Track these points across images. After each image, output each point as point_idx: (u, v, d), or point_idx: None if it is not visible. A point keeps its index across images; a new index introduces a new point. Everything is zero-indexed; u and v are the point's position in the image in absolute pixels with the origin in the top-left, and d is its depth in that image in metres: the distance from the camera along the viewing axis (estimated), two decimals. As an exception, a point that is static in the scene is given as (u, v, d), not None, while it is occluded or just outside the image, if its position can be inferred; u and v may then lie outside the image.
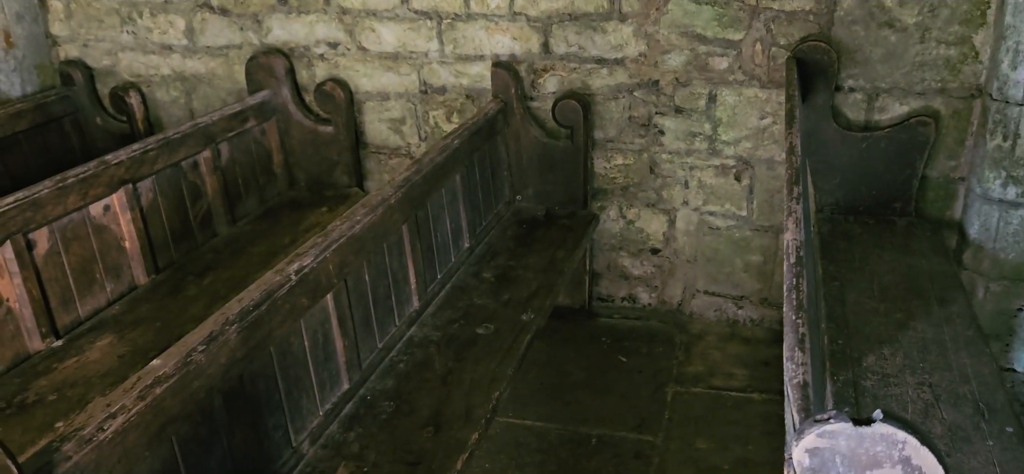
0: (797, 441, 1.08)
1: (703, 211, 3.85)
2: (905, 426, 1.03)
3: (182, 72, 4.28)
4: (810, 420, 1.06)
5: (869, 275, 3.06)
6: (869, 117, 3.46)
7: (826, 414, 1.06)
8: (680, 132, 3.75)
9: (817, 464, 1.09)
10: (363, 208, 2.66)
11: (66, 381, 2.78)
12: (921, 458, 1.04)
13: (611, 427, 3.34)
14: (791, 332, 1.36)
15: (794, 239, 1.65)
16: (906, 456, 1.04)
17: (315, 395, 2.43)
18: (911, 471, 1.04)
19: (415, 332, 2.95)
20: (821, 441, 1.06)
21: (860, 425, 1.04)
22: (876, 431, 1.04)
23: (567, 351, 3.86)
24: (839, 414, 1.05)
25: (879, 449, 1.05)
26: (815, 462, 1.08)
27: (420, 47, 3.93)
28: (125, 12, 4.22)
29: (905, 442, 1.03)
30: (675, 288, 4.06)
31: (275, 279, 2.23)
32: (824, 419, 1.06)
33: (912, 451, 1.04)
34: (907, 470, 1.05)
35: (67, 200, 3.04)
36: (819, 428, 1.06)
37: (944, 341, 2.65)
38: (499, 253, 3.53)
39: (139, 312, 3.18)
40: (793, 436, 1.12)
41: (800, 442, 1.07)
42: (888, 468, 1.06)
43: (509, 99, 3.81)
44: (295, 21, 4.02)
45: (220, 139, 3.79)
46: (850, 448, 1.06)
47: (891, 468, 1.05)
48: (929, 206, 3.51)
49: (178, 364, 1.89)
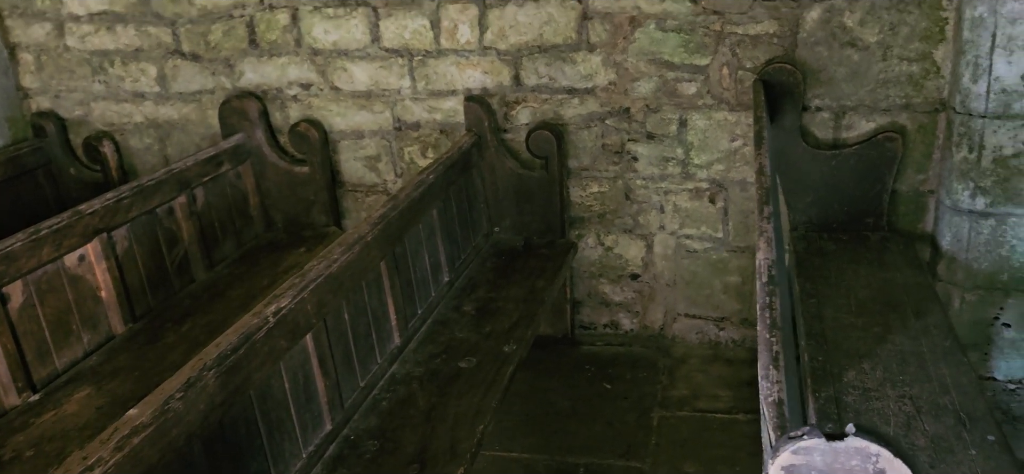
0: (773, 459, 1.08)
1: (680, 235, 3.88)
2: (878, 439, 1.04)
3: (155, 119, 4.28)
4: (784, 438, 1.07)
5: (845, 291, 3.08)
6: (837, 135, 3.52)
7: (800, 431, 1.07)
8: (653, 158, 3.78)
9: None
10: (340, 247, 2.65)
11: (44, 436, 2.74)
12: (895, 469, 1.05)
13: (598, 455, 3.33)
14: (765, 351, 1.37)
15: (766, 258, 1.66)
16: (880, 469, 1.05)
17: (298, 438, 2.40)
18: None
19: (397, 369, 2.93)
20: (796, 458, 1.07)
21: (834, 440, 1.05)
22: (850, 445, 1.05)
23: (551, 381, 3.85)
24: (813, 430, 1.06)
25: (854, 463, 1.06)
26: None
27: (392, 85, 3.95)
28: (96, 62, 4.22)
29: (879, 455, 1.04)
30: (656, 313, 4.07)
31: (253, 322, 2.22)
32: (798, 436, 1.07)
33: (886, 463, 1.05)
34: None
35: (41, 252, 3.01)
36: (793, 445, 1.07)
37: (922, 353, 2.67)
38: (479, 285, 3.53)
39: (117, 362, 3.14)
40: (770, 454, 1.12)
41: (776, 460, 1.08)
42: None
43: (483, 132, 3.84)
44: (267, 64, 4.04)
45: (195, 184, 3.78)
46: (826, 463, 1.07)
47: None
48: (901, 220, 3.56)
49: (156, 412, 1.87)
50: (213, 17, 4.02)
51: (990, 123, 3.09)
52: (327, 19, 3.91)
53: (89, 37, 4.17)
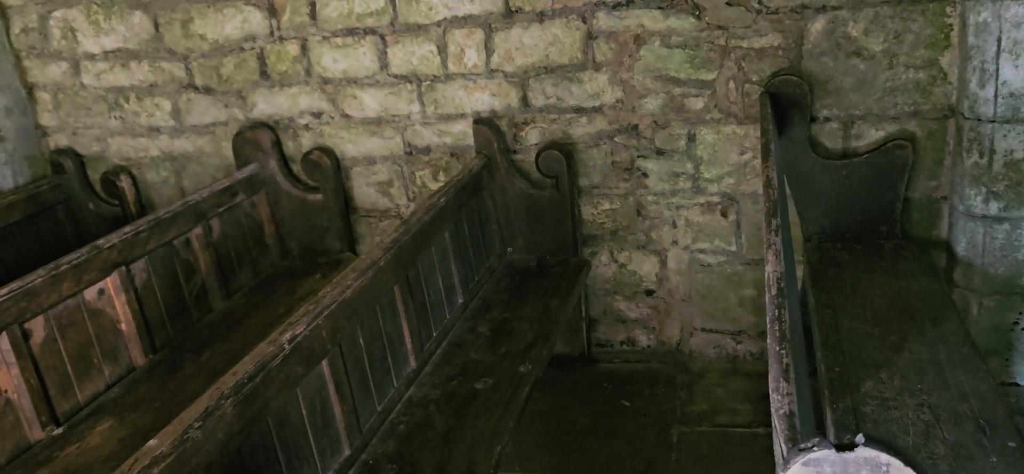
0: (784, 472, 1.09)
1: (693, 249, 3.88)
2: (888, 448, 1.04)
3: (171, 152, 4.34)
4: (794, 450, 1.08)
5: (861, 300, 3.07)
6: (847, 144, 3.51)
7: (810, 442, 1.07)
8: (663, 173, 3.79)
9: (805, 493, 1.10)
10: (353, 272, 2.68)
11: (68, 468, 2.77)
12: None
13: (618, 473, 3.32)
14: (775, 363, 1.38)
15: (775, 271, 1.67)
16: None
17: (316, 463, 2.42)
18: (897, 492, 1.06)
19: (414, 392, 2.94)
20: (807, 470, 1.08)
21: (843, 450, 1.06)
22: (859, 455, 1.05)
23: (569, 399, 3.84)
24: (822, 441, 1.07)
25: (864, 473, 1.06)
26: (803, 491, 1.10)
27: (402, 110, 3.99)
28: (112, 98, 4.29)
29: (889, 465, 1.04)
30: (672, 328, 4.07)
31: (268, 350, 2.24)
32: (808, 447, 1.07)
33: (897, 472, 1.05)
34: (893, 492, 1.06)
35: (61, 287, 3.06)
36: (804, 457, 1.07)
37: (940, 360, 2.65)
38: (493, 306, 3.54)
39: (138, 393, 3.17)
40: (781, 467, 1.13)
41: (787, 473, 1.08)
42: (874, 491, 1.07)
43: (492, 154, 3.87)
44: (278, 94, 4.10)
45: (211, 215, 3.82)
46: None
47: (877, 491, 1.07)
48: (915, 227, 3.54)
49: (175, 442, 1.89)
50: (225, 50, 4.08)
51: (999, 127, 3.08)
52: (336, 49, 3.97)
53: (104, 74, 4.25)
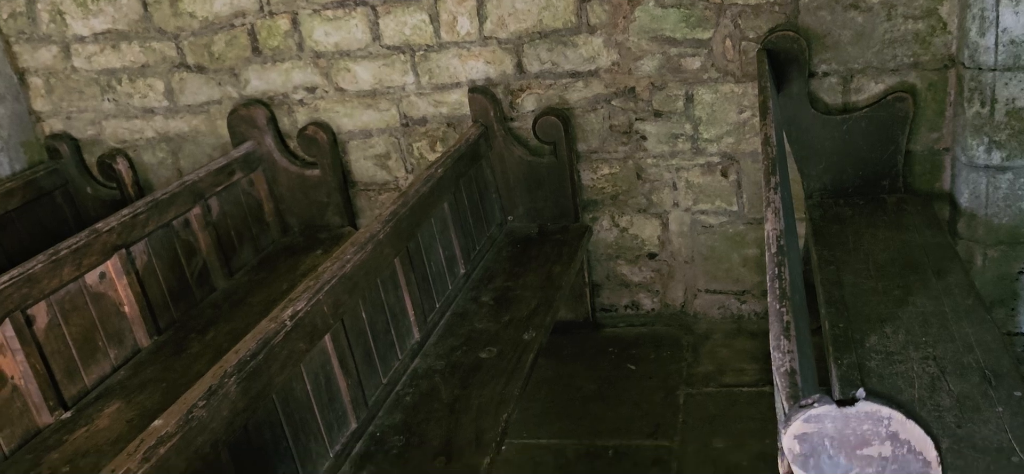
0: (785, 429, 1.08)
1: (694, 211, 3.86)
2: (889, 402, 1.03)
3: (166, 133, 4.32)
4: (795, 407, 1.07)
5: (864, 256, 3.06)
6: (846, 99, 3.48)
7: (810, 399, 1.07)
8: (662, 135, 3.77)
9: (808, 450, 1.09)
10: (352, 247, 2.67)
11: (78, 452, 2.79)
12: (908, 432, 1.04)
13: (627, 437, 3.34)
14: (776, 321, 1.37)
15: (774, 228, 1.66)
16: (893, 432, 1.05)
17: (323, 438, 2.43)
18: (900, 446, 1.05)
19: (419, 364, 2.95)
20: (808, 426, 1.07)
21: (844, 405, 1.05)
22: (860, 410, 1.05)
23: (575, 365, 3.85)
24: (823, 397, 1.06)
25: (866, 428, 1.06)
26: (805, 448, 1.09)
27: (396, 81, 3.96)
28: (104, 81, 4.26)
29: (891, 418, 1.04)
30: (676, 290, 4.06)
31: (270, 327, 2.24)
32: (809, 404, 1.06)
33: (899, 426, 1.04)
34: (896, 446, 1.05)
35: (62, 272, 3.06)
36: (805, 413, 1.07)
37: (944, 313, 2.64)
38: (495, 275, 3.54)
39: (144, 375, 3.18)
40: (783, 424, 1.12)
41: (788, 430, 1.08)
42: (877, 445, 1.06)
43: (489, 122, 3.84)
44: (271, 70, 4.06)
45: (209, 194, 3.81)
46: (837, 430, 1.07)
47: (880, 445, 1.06)
48: (917, 180, 3.52)
49: (180, 422, 1.90)
50: (215, 28, 4.04)
51: (1001, 76, 3.05)
52: (327, 21, 3.93)
53: (95, 57, 4.22)
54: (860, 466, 1.08)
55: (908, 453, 1.05)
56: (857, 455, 1.08)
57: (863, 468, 1.08)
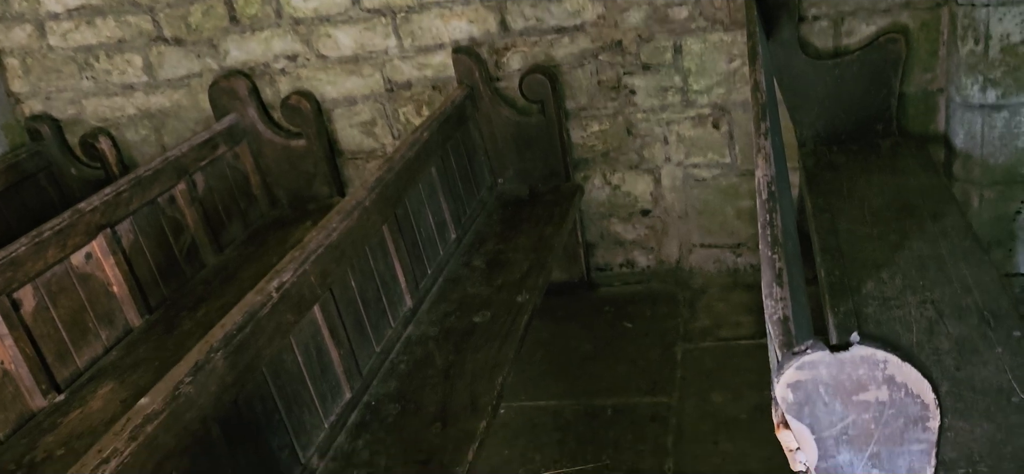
0: (778, 378, 1.05)
1: (687, 165, 3.82)
2: (884, 345, 1.00)
3: (148, 109, 4.24)
4: (788, 355, 1.03)
5: (859, 201, 3.02)
6: (837, 43, 3.42)
7: (803, 346, 1.03)
8: (651, 89, 3.70)
9: (802, 397, 1.06)
10: (338, 215, 2.63)
11: (72, 434, 2.77)
12: (905, 374, 1.01)
13: (625, 395, 3.33)
14: (768, 269, 1.33)
15: (765, 175, 1.61)
16: (890, 375, 1.01)
17: (317, 409, 2.41)
18: (896, 389, 1.02)
19: (412, 331, 2.93)
20: (802, 374, 1.04)
21: (838, 351, 1.01)
22: (855, 354, 1.01)
23: (571, 326, 3.83)
24: (816, 343, 1.02)
25: (861, 372, 1.02)
26: (799, 396, 1.06)
27: (378, 46, 3.88)
28: (82, 58, 4.18)
29: (887, 361, 1.00)
30: (671, 246, 4.03)
31: (256, 299, 2.20)
32: (801, 351, 1.03)
33: (895, 369, 1.01)
34: (892, 389, 1.02)
35: (46, 254, 3.01)
36: (798, 360, 1.03)
37: (941, 256, 2.61)
38: (487, 239, 3.50)
39: (137, 355, 3.16)
40: (776, 373, 1.09)
41: (781, 378, 1.04)
42: (874, 390, 1.03)
43: (474, 83, 3.77)
44: (250, 40, 3.98)
45: (193, 170, 3.76)
46: (832, 376, 1.03)
47: (876, 389, 1.02)
48: (911, 123, 3.47)
49: (166, 399, 1.87)
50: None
51: (994, 11, 2.99)
52: (305, -14, 3.85)
53: (71, 34, 4.13)
54: (857, 412, 1.05)
55: (906, 396, 1.02)
56: (853, 401, 1.05)
57: (860, 414, 1.05)
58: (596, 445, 3.10)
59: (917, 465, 1.08)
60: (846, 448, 1.08)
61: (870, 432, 1.06)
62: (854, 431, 1.06)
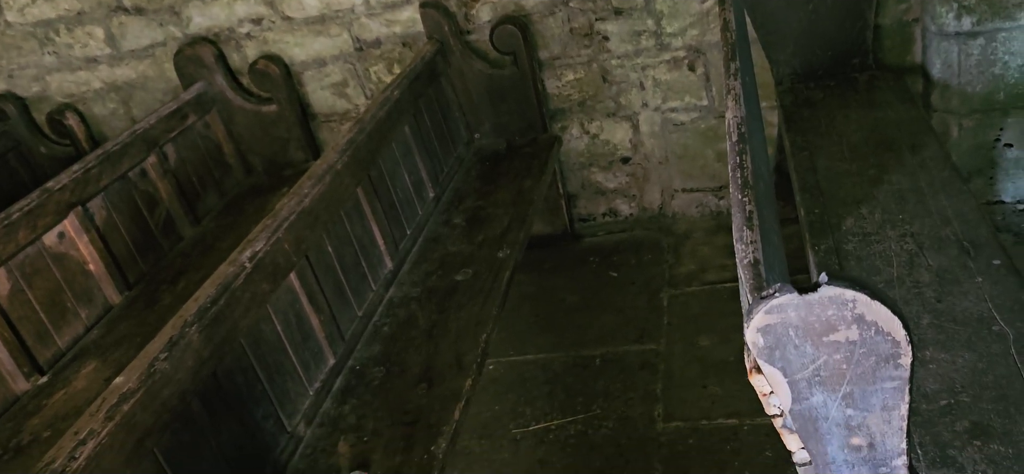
0: (748, 323, 1.03)
1: (664, 109, 3.78)
2: (851, 284, 0.98)
3: (114, 82, 4.16)
4: (756, 299, 1.01)
5: (837, 138, 3.00)
6: (811, -24, 3.37)
7: (771, 289, 1.01)
8: (624, 34, 3.64)
9: (772, 341, 1.04)
10: (310, 180, 2.59)
11: (57, 415, 2.75)
12: (875, 312, 0.99)
13: (613, 344, 3.33)
14: (738, 211, 1.31)
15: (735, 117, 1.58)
16: (859, 314, 1.00)
17: (301, 376, 2.39)
18: (867, 328, 1.00)
19: (394, 292, 2.90)
20: (771, 317, 1.02)
21: (806, 292, 1.00)
22: (824, 295, 0.99)
23: (557, 278, 3.82)
24: (784, 287, 1.00)
25: (830, 313, 1.00)
26: (769, 340, 1.04)
27: (345, 4, 3.80)
28: (41, 33, 4.08)
29: (855, 300, 0.98)
30: (653, 193, 4.01)
31: (229, 270, 2.18)
32: (770, 294, 1.01)
33: (864, 308, 0.99)
34: (863, 328, 1.00)
35: (17, 236, 2.96)
36: (766, 304, 1.01)
37: (921, 188, 2.60)
38: (466, 196, 3.47)
39: (119, 332, 3.13)
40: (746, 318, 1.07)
41: (751, 322, 1.02)
42: (844, 330, 1.01)
43: (444, 37, 3.70)
44: (213, 5, 3.89)
45: (163, 141, 3.69)
46: (801, 318, 1.01)
47: (846, 329, 1.01)
48: (888, 55, 3.44)
49: (142, 377, 1.85)
50: (148, -37, 3.87)
51: (967, -64, 2.94)
52: (264, -55, 3.76)
53: (28, 9, 4.02)
54: (828, 353, 1.04)
55: (876, 335, 1.01)
56: (823, 342, 1.03)
57: (831, 354, 1.03)
58: (586, 395, 3.11)
59: (891, 402, 1.06)
60: (819, 389, 1.07)
61: (842, 372, 1.05)
62: (826, 372, 1.05)
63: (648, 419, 2.94)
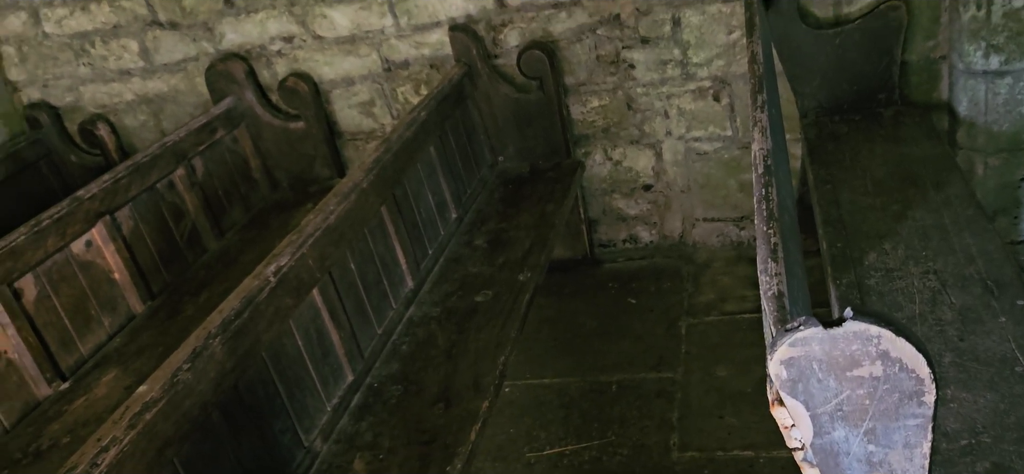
0: (772, 355, 1.03)
1: (688, 138, 3.78)
2: (878, 320, 0.98)
3: (145, 94, 4.22)
4: (780, 331, 1.02)
5: (861, 172, 2.99)
6: (838, 11, 3.37)
7: (796, 322, 1.01)
8: (650, 63, 3.66)
9: (795, 374, 1.04)
10: (335, 197, 2.61)
11: (78, 422, 2.78)
12: (900, 349, 0.99)
13: (630, 370, 3.32)
14: (763, 243, 1.31)
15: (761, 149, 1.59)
16: (884, 350, 1.00)
17: (319, 392, 2.41)
18: (891, 364, 1.00)
19: (414, 311, 2.92)
20: (795, 350, 1.02)
21: (831, 327, 1.00)
22: (849, 330, 0.99)
23: (576, 303, 3.82)
24: (809, 320, 1.01)
25: (855, 348, 1.01)
26: (793, 373, 1.04)
27: (375, 25, 3.85)
28: (78, 45, 4.16)
29: (880, 336, 0.99)
30: (674, 221, 4.00)
31: (253, 284, 2.20)
32: (794, 327, 1.01)
33: (889, 344, 0.99)
34: (887, 364, 1.00)
35: (46, 243, 3.01)
36: (791, 337, 1.01)
37: (945, 225, 2.58)
38: (488, 218, 3.49)
39: (140, 341, 3.16)
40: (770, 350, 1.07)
41: (774, 355, 1.03)
42: (868, 365, 1.01)
43: (472, 61, 3.74)
44: (246, 22, 3.95)
45: (192, 154, 3.74)
46: (825, 352, 1.02)
47: (871, 365, 1.01)
48: (914, 91, 3.43)
49: (165, 386, 1.87)
50: (183, -20, 3.94)
51: (997, -25, 2.94)
52: (298, -35, 3.82)
53: (65, 21, 4.11)
54: (851, 388, 1.04)
55: (900, 371, 1.00)
56: (847, 377, 1.03)
57: (854, 389, 1.03)
58: (602, 421, 3.10)
59: (913, 440, 1.06)
60: (841, 424, 1.07)
61: (865, 408, 1.05)
62: (849, 407, 1.05)
63: (664, 448, 2.93)
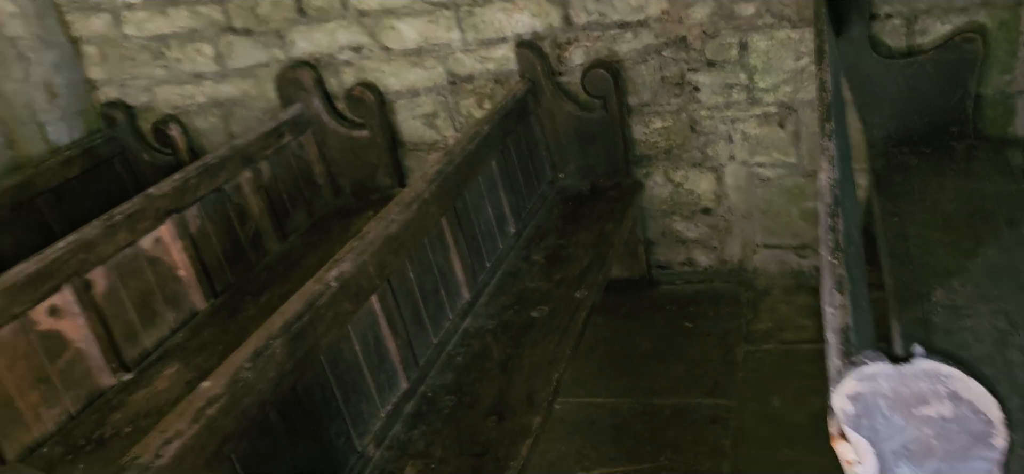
0: (837, 389, 1.02)
1: (751, 164, 3.74)
2: (949, 359, 0.96)
3: (216, 98, 4.34)
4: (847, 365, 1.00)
5: (930, 206, 2.92)
6: (911, 42, 3.31)
7: (862, 357, 1.00)
8: (716, 86, 3.64)
9: (861, 409, 1.02)
10: (397, 206, 2.65)
11: (139, 412, 2.86)
12: (970, 391, 0.97)
13: (684, 395, 3.29)
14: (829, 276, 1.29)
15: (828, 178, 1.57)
16: (953, 391, 0.97)
17: (374, 398, 2.43)
18: (960, 405, 0.98)
19: (469, 323, 2.93)
20: (862, 386, 1.00)
21: (899, 363, 0.98)
22: (918, 368, 0.97)
23: (631, 324, 3.80)
24: (876, 355, 0.99)
25: (924, 386, 0.98)
26: (859, 408, 1.02)
27: (442, 38, 3.90)
28: (155, 47, 4.29)
29: (950, 376, 0.96)
30: (734, 246, 3.96)
31: (315, 288, 2.24)
32: (861, 362, 1.00)
33: (959, 384, 0.97)
34: (956, 405, 0.98)
35: (117, 237, 3.11)
36: (857, 372, 1.00)
37: (1017, 265, 2.51)
38: (547, 234, 3.49)
39: (202, 338, 3.24)
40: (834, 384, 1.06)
41: (840, 389, 1.01)
42: (936, 404, 0.99)
43: (536, 77, 3.76)
44: (316, 31, 4.04)
45: (259, 158, 3.83)
46: (893, 388, 1.00)
47: (939, 404, 0.99)
48: (988, 126, 3.34)
49: (227, 383, 1.91)
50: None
51: (1080, 10, 2.85)
52: (370, -21, 3.88)
53: (145, 23, 4.24)
54: (918, 426, 1.02)
55: (970, 413, 0.98)
56: (914, 415, 1.01)
57: (921, 428, 1.01)
58: (654, 445, 3.07)
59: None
60: (906, 463, 1.05)
61: (932, 448, 1.02)
62: (915, 446, 1.03)
63: (716, 475, 2.89)
